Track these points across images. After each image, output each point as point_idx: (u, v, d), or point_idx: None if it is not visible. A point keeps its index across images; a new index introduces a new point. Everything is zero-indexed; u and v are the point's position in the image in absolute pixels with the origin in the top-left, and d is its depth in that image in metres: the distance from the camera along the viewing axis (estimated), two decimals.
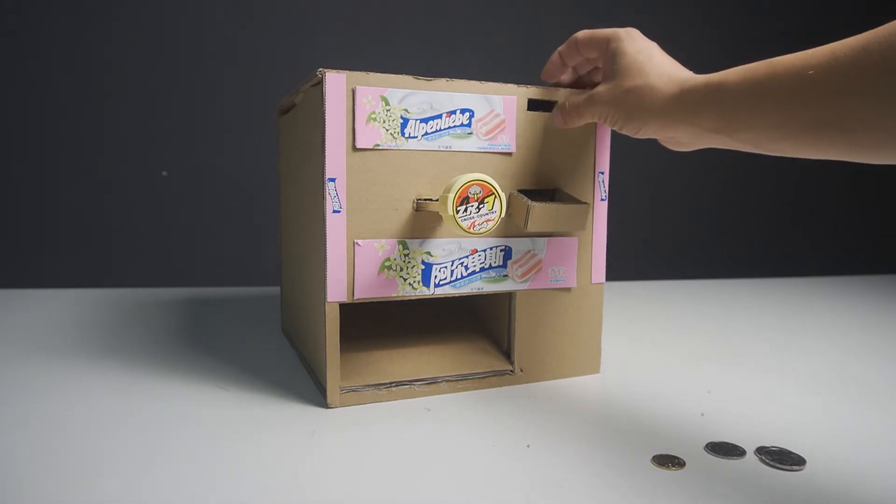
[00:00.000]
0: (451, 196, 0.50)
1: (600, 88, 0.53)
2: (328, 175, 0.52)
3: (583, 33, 0.56)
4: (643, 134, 0.51)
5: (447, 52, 1.25)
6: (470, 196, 0.50)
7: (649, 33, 0.53)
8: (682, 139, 0.50)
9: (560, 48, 0.58)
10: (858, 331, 0.89)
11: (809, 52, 0.39)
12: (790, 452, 0.46)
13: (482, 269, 0.58)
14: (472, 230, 0.51)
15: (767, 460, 0.45)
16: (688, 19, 1.37)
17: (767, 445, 0.47)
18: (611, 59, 0.52)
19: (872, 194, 1.60)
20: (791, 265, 1.53)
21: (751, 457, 0.46)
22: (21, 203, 1.09)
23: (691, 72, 0.49)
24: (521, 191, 0.58)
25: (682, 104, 0.46)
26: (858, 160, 0.39)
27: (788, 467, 0.44)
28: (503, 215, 0.52)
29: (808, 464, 0.45)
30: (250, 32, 1.15)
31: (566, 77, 0.61)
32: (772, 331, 0.88)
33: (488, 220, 0.51)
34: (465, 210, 0.50)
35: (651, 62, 0.49)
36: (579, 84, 0.62)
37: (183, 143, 1.14)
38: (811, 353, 0.76)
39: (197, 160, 1.15)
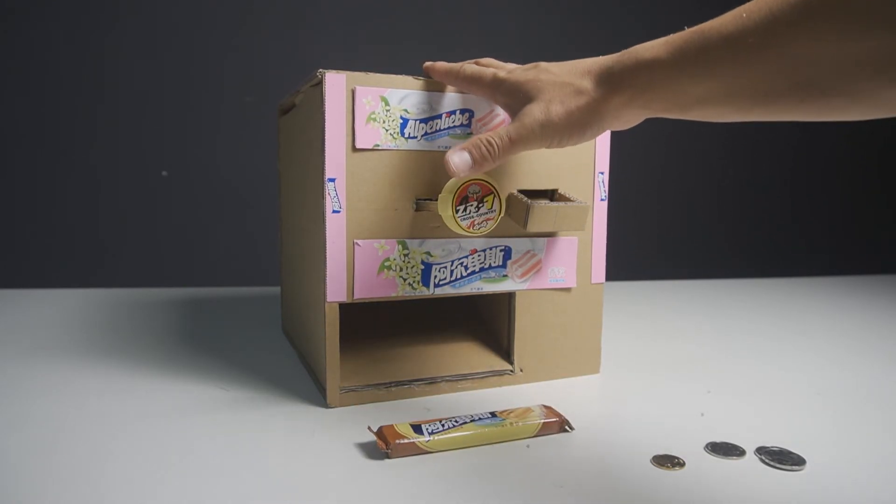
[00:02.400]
0: (450, 196, 0.50)
1: (525, 119, 0.45)
2: (328, 175, 0.52)
3: (465, 74, 0.52)
4: (595, 136, 0.47)
5: (447, 51, 1.25)
6: (469, 195, 0.50)
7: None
8: (632, 120, 0.45)
9: (441, 71, 0.54)
10: (858, 331, 0.89)
11: (742, 12, 0.36)
12: (790, 452, 0.46)
13: (482, 269, 0.58)
14: (471, 229, 0.51)
15: (767, 460, 0.45)
16: (688, 19, 1.37)
17: (768, 445, 0.47)
18: (510, 95, 0.48)
19: (872, 194, 1.60)
20: (791, 265, 1.53)
21: (750, 457, 0.46)
22: (21, 203, 1.09)
23: (602, 57, 0.45)
24: (521, 191, 0.58)
25: (617, 94, 0.42)
26: (818, 119, 0.36)
27: (788, 467, 0.44)
28: (502, 214, 0.52)
29: (808, 464, 0.45)
30: (250, 33, 1.15)
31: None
32: (772, 331, 0.88)
33: (488, 220, 0.51)
34: (465, 209, 0.50)
35: (553, 71, 0.46)
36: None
37: (183, 144, 1.14)
38: (811, 352, 0.76)
39: (197, 160, 1.15)
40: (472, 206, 0.50)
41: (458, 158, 0.47)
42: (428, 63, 0.55)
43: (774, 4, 0.33)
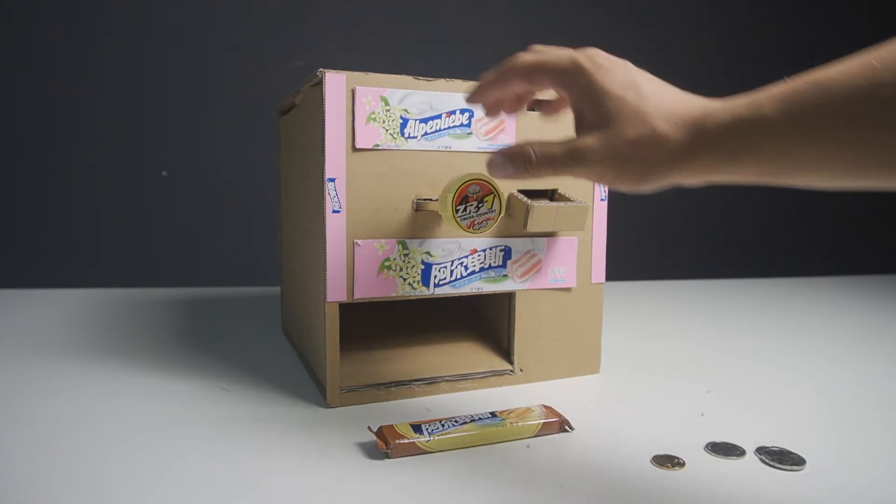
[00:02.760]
0: (450, 195, 0.50)
1: (589, 141, 0.38)
2: (328, 175, 0.52)
3: (525, 62, 0.41)
4: (660, 188, 0.39)
5: (447, 51, 1.25)
6: (469, 195, 0.50)
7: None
8: (714, 181, 0.38)
9: (490, 79, 0.43)
10: (858, 331, 0.89)
11: (873, 60, 0.30)
12: (790, 452, 0.46)
13: (482, 269, 0.58)
14: (471, 229, 0.51)
15: (767, 460, 0.45)
16: (686, 18, 1.37)
17: (768, 445, 0.47)
18: (586, 100, 0.38)
19: (872, 194, 1.60)
20: (791, 265, 1.53)
21: (750, 456, 0.46)
22: (21, 203, 1.09)
23: (692, 95, 0.37)
24: (520, 191, 0.58)
25: (708, 152, 0.35)
26: None
27: (788, 467, 0.44)
28: (502, 214, 0.52)
29: (807, 464, 0.45)
30: (250, 33, 1.15)
31: (508, 108, 0.46)
32: (772, 331, 0.88)
33: (488, 219, 0.51)
34: (465, 209, 0.50)
35: (645, 100, 0.37)
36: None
37: (183, 144, 1.14)
38: (811, 353, 0.76)
39: (197, 160, 1.15)
40: (472, 205, 0.50)
41: (499, 166, 0.42)
42: (469, 97, 0.44)
43: None
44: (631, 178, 0.38)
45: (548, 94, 0.47)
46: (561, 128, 0.60)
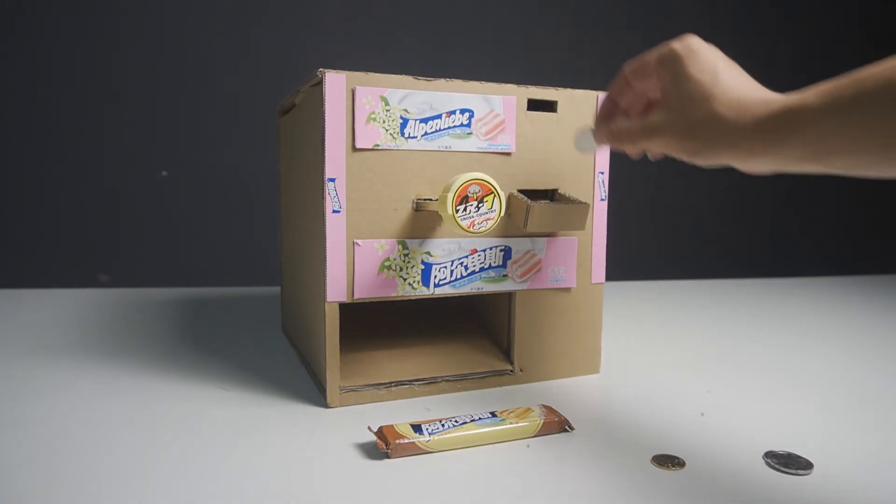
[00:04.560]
0: (450, 195, 0.50)
1: (659, 117, 0.45)
2: (328, 175, 0.52)
3: (631, 66, 0.48)
4: (715, 164, 0.45)
5: (447, 51, 1.25)
6: (469, 195, 0.50)
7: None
8: (762, 167, 0.43)
9: (610, 89, 0.50)
10: (858, 331, 0.89)
11: None
12: (798, 456, 0.45)
13: (482, 269, 0.58)
14: (471, 229, 0.51)
15: (774, 464, 0.44)
16: (686, 17, 1.37)
17: (776, 450, 0.47)
18: (671, 82, 0.44)
19: (872, 194, 1.60)
20: (791, 265, 1.53)
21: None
22: (21, 203, 1.09)
23: (765, 88, 0.42)
24: (520, 191, 0.58)
25: (759, 136, 0.40)
26: None
27: (794, 471, 0.43)
28: (503, 214, 0.52)
29: (812, 465, 0.45)
30: (250, 33, 1.15)
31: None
32: (772, 331, 0.88)
33: (488, 219, 0.51)
34: (465, 209, 0.50)
35: (717, 84, 0.42)
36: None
37: (183, 144, 1.14)
38: (811, 353, 0.76)
39: (197, 160, 1.15)
40: (472, 205, 0.50)
41: (598, 133, 0.50)
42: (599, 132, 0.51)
43: None
44: (690, 151, 0.44)
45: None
46: (561, 128, 0.60)
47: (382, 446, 0.44)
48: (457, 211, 0.50)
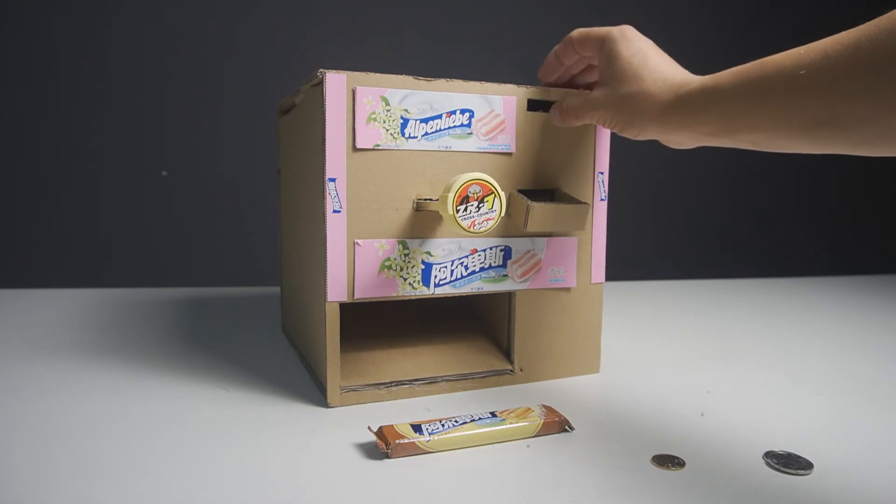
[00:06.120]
0: (450, 195, 0.50)
1: (597, 93, 0.52)
2: (328, 175, 0.52)
3: (577, 32, 0.55)
4: (642, 137, 0.51)
5: (447, 51, 1.25)
6: (469, 195, 0.50)
7: (645, 31, 0.53)
8: (682, 141, 0.50)
9: (556, 47, 0.57)
10: (859, 331, 0.89)
11: (801, 49, 0.38)
12: (798, 457, 0.46)
13: (482, 269, 0.58)
14: (472, 229, 0.51)
15: (774, 464, 0.44)
16: (684, 16, 1.37)
17: (776, 450, 0.47)
18: (606, 62, 0.51)
19: (872, 194, 1.60)
20: (791, 265, 1.53)
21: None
22: (21, 203, 1.09)
23: (687, 72, 0.48)
24: (520, 191, 0.58)
25: (679, 110, 0.46)
26: (858, 153, 0.39)
27: (794, 471, 0.43)
28: (503, 214, 0.52)
29: (815, 468, 0.45)
30: (250, 32, 1.15)
31: (562, 76, 0.60)
32: (772, 331, 0.88)
33: (488, 220, 0.51)
34: (465, 209, 0.50)
35: (646, 66, 0.49)
36: (573, 83, 0.62)
37: (183, 144, 1.14)
38: (811, 353, 0.76)
39: (197, 160, 1.15)
40: (472, 205, 0.50)
41: (552, 116, 0.58)
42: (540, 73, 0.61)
43: (829, 45, 0.37)
44: (622, 124, 0.51)
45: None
46: (561, 128, 0.60)
47: (382, 446, 0.44)
48: (457, 211, 0.50)
